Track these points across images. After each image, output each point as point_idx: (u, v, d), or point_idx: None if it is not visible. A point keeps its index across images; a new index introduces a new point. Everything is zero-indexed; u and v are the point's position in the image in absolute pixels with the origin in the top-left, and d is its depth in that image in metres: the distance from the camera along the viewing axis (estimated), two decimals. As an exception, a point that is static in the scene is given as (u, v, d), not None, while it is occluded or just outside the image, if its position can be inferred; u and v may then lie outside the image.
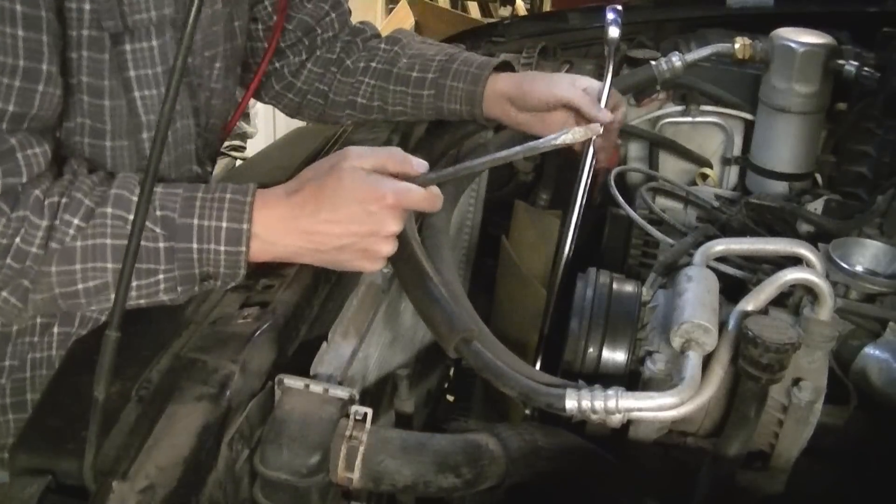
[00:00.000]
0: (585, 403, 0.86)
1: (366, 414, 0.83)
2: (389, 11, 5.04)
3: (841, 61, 1.38)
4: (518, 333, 1.32)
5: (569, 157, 1.42)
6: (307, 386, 0.84)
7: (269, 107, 1.47)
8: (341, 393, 0.84)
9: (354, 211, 0.91)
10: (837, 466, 1.05)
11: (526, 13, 4.61)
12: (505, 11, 4.98)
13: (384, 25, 4.84)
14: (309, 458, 0.79)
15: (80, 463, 0.73)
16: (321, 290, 1.02)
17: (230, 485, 0.81)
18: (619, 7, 1.33)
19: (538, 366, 1.22)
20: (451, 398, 1.61)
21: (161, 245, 0.90)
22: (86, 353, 0.88)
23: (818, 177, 1.48)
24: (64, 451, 0.77)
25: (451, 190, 1.23)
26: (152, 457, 0.73)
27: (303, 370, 0.89)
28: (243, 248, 0.91)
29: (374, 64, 1.35)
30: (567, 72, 1.73)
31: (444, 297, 0.96)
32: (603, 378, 0.97)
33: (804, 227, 1.31)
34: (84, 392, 0.74)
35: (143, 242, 0.89)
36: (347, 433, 0.81)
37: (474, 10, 5.13)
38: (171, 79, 0.68)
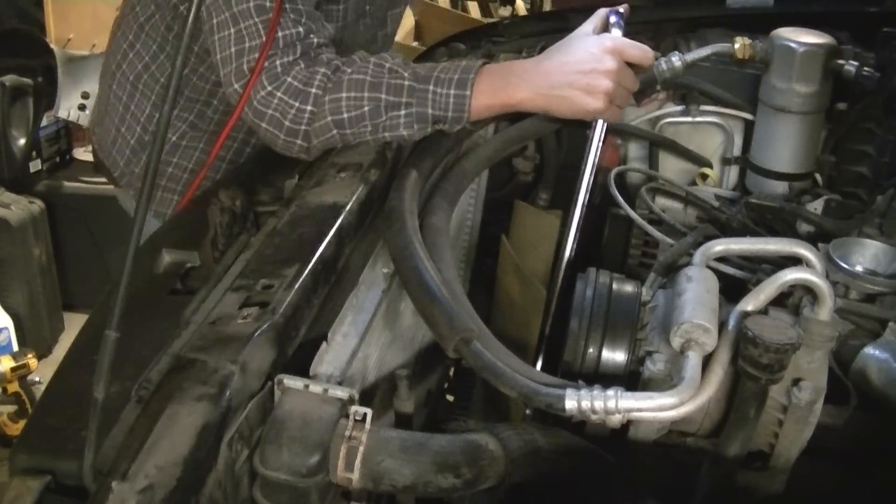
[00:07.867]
0: (585, 404, 0.86)
1: (365, 414, 0.83)
2: (389, 11, 5.02)
3: (841, 61, 1.37)
4: (518, 333, 1.32)
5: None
6: (307, 386, 0.84)
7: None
8: (341, 393, 0.84)
9: (581, 55, 1.21)
10: (837, 466, 1.05)
11: (526, 13, 4.61)
12: (505, 11, 4.97)
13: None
14: (309, 459, 0.79)
15: (80, 463, 0.73)
16: (321, 290, 1.02)
17: (230, 485, 0.81)
18: (622, 10, 1.33)
19: (538, 366, 1.22)
20: (451, 398, 1.61)
21: (406, 83, 1.18)
22: (86, 353, 0.88)
23: (818, 177, 1.48)
24: (64, 451, 0.77)
25: (450, 190, 1.23)
26: (152, 457, 0.73)
27: (303, 370, 0.89)
28: (468, 93, 1.18)
29: None
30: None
31: (445, 296, 0.96)
32: (603, 378, 0.97)
33: (804, 227, 1.31)
34: (84, 392, 0.74)
35: (392, 80, 1.19)
36: (347, 433, 0.81)
37: (474, 10, 5.13)
38: (171, 78, 0.69)
